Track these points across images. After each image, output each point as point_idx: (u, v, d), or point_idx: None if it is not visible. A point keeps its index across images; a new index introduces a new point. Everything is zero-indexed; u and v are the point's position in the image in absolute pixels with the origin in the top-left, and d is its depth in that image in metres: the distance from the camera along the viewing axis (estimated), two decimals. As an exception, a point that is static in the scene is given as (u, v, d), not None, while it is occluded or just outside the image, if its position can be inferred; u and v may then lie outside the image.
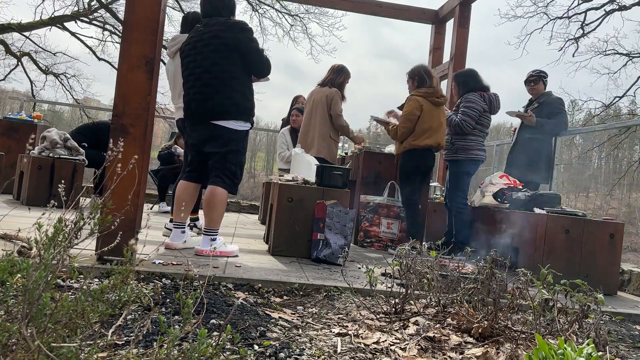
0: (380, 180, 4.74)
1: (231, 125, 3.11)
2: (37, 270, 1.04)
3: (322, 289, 2.55)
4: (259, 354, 1.55)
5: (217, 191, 3.12)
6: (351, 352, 1.65)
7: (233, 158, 3.16)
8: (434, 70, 6.49)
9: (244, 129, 3.19)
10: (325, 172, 3.62)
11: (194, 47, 3.17)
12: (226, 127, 3.10)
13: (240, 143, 3.19)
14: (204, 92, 3.10)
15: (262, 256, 3.37)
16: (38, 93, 16.37)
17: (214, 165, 3.16)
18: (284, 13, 15.63)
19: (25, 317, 1.01)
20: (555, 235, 3.49)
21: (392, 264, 2.29)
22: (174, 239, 3.25)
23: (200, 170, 3.31)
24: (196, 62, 3.15)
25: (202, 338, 1.13)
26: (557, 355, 1.27)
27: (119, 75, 2.63)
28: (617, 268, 3.58)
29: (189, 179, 3.33)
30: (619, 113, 15.21)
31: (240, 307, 2.03)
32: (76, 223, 1.14)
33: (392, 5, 6.44)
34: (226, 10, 3.23)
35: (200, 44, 3.14)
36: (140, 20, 2.64)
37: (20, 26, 14.50)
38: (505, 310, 1.95)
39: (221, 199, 3.14)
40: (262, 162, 23.82)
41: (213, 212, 3.14)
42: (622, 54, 13.48)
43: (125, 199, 2.06)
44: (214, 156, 3.15)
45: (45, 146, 5.33)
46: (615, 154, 14.30)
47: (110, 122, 2.71)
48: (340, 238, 3.40)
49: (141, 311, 1.79)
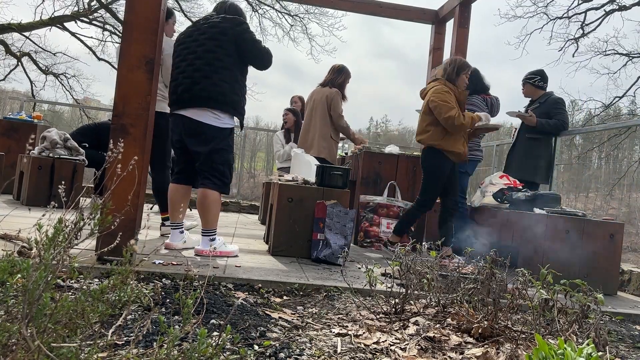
0: (380, 180, 4.74)
1: (213, 122, 3.07)
2: (37, 270, 1.04)
3: (322, 289, 2.55)
4: (259, 354, 1.55)
5: (208, 193, 3.10)
6: (351, 352, 1.65)
7: (218, 157, 3.12)
8: (435, 70, 6.51)
9: (227, 127, 3.14)
10: (325, 172, 3.62)
11: (191, 35, 3.18)
12: (208, 124, 3.06)
13: (224, 141, 3.14)
14: (193, 76, 3.07)
15: (262, 256, 3.37)
16: (38, 93, 16.38)
17: (201, 167, 3.14)
18: (284, 13, 15.64)
19: (25, 317, 1.01)
20: (555, 235, 3.49)
21: (392, 264, 2.29)
22: (174, 240, 3.25)
23: (188, 172, 3.28)
24: (189, 49, 3.14)
25: (202, 338, 1.14)
26: (557, 355, 1.27)
27: (119, 76, 2.63)
28: (617, 268, 3.58)
29: (177, 181, 3.32)
30: (618, 113, 15.22)
31: (240, 307, 2.03)
32: (76, 223, 1.14)
33: (392, 5, 6.44)
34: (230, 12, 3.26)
35: (197, 32, 3.15)
36: (140, 21, 2.65)
37: (20, 26, 14.50)
38: (505, 310, 1.95)
39: (213, 200, 3.12)
40: (262, 162, 23.83)
41: (207, 214, 3.13)
42: (622, 54, 13.49)
43: (125, 199, 2.07)
44: (199, 157, 3.12)
45: (45, 146, 5.33)
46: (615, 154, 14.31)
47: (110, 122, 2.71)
48: (340, 238, 3.40)
49: (141, 311, 1.79)
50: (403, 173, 4.76)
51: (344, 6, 6.60)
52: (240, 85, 3.19)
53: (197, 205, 3.16)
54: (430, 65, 6.61)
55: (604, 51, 13.52)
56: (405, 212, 4.26)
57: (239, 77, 3.17)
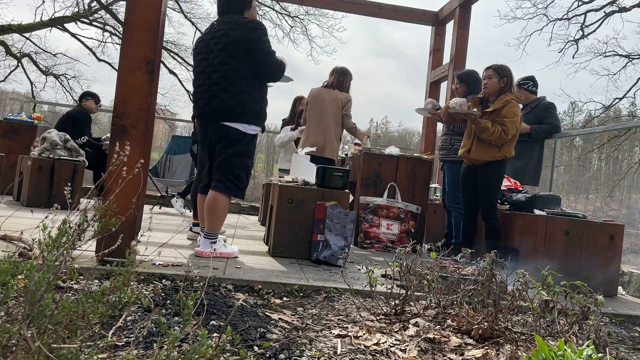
0: (380, 181, 4.74)
1: (238, 127, 3.07)
2: (40, 271, 1.04)
3: (322, 290, 2.55)
4: (259, 355, 1.55)
5: (219, 198, 3.08)
6: (351, 354, 1.65)
7: (238, 161, 3.11)
8: (435, 72, 6.51)
9: (252, 132, 3.14)
10: (326, 173, 3.62)
11: (207, 44, 3.15)
12: (234, 127, 3.06)
13: (247, 145, 3.14)
14: (210, 90, 3.07)
15: (262, 257, 3.37)
16: (38, 94, 16.40)
17: (219, 167, 3.11)
18: (284, 14, 15.65)
19: (26, 318, 1.01)
20: (555, 236, 3.49)
21: (392, 265, 2.29)
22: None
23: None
24: (208, 60, 3.12)
25: (202, 339, 1.14)
26: (557, 356, 1.27)
27: (119, 77, 2.63)
28: (617, 270, 3.58)
29: (206, 191, 3.23)
30: (618, 114, 15.23)
31: (240, 308, 2.03)
32: (79, 225, 1.14)
33: (392, 7, 6.45)
34: (235, 8, 3.17)
35: (212, 42, 3.12)
36: (140, 22, 2.65)
37: (20, 27, 14.51)
38: (505, 311, 1.95)
39: (223, 205, 3.11)
40: (262, 163, 23.81)
41: (214, 218, 3.11)
42: (622, 55, 13.51)
43: (128, 201, 2.06)
44: (219, 157, 3.11)
45: (46, 147, 5.33)
46: (615, 155, 14.31)
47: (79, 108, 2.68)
48: (340, 239, 3.40)
49: (141, 312, 1.79)
50: (403, 174, 4.76)
51: (344, 7, 6.62)
52: (260, 92, 3.16)
53: (205, 207, 3.13)
54: (431, 67, 6.62)
55: (604, 52, 13.55)
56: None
57: (257, 84, 3.13)
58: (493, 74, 3.86)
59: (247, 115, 3.08)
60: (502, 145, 3.80)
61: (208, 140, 3.18)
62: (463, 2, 5.84)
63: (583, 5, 13.24)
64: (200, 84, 3.16)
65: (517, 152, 4.61)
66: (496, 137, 3.73)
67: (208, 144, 3.19)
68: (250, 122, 3.10)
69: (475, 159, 3.87)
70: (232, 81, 3.04)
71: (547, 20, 13.62)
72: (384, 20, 6.81)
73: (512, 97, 3.81)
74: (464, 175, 4.02)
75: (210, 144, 3.17)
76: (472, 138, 3.90)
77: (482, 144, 3.83)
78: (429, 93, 6.58)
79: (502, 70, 3.86)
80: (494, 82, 3.86)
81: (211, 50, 3.11)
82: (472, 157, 3.88)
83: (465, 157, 3.97)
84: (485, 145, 3.82)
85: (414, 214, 4.64)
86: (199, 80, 3.18)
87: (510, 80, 3.88)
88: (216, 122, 3.09)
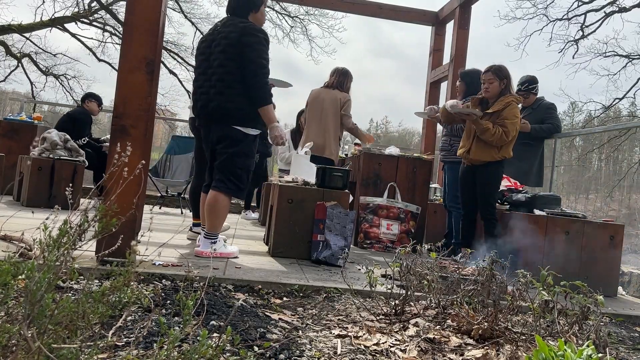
0: (380, 181, 4.74)
1: (239, 128, 3.07)
2: (40, 271, 1.04)
3: (322, 291, 2.55)
4: (259, 355, 1.55)
5: (220, 198, 3.07)
6: (351, 354, 1.65)
7: (240, 161, 3.10)
8: (435, 72, 6.51)
9: (254, 134, 3.14)
10: (326, 173, 3.62)
11: (208, 45, 3.16)
12: (235, 127, 3.05)
13: (248, 146, 3.13)
14: (209, 92, 3.07)
15: (262, 257, 3.37)
16: (38, 94, 16.39)
17: (220, 167, 3.11)
18: (284, 15, 15.64)
19: (26, 318, 1.01)
20: (555, 236, 3.49)
21: (392, 265, 2.29)
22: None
23: None
24: (208, 61, 3.12)
25: (203, 339, 1.14)
26: (557, 356, 1.27)
27: (119, 77, 2.63)
28: (617, 270, 3.58)
29: (207, 192, 3.22)
30: (618, 115, 15.24)
31: (240, 308, 2.03)
32: (80, 225, 1.14)
33: (392, 7, 6.46)
34: (240, 10, 3.16)
35: (213, 43, 3.12)
36: (140, 22, 2.65)
37: (20, 27, 14.51)
38: (505, 311, 1.95)
39: (223, 205, 3.10)
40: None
41: (215, 218, 3.11)
42: (622, 55, 13.52)
43: (128, 201, 2.06)
44: (221, 157, 3.11)
45: (46, 147, 5.33)
46: (615, 155, 14.32)
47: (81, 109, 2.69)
48: (340, 239, 3.40)
49: (141, 312, 1.79)
50: (403, 174, 4.76)
51: (344, 7, 6.62)
52: None
53: (205, 207, 3.13)
54: (431, 67, 6.62)
55: (604, 53, 13.56)
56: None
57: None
58: (494, 78, 3.84)
59: (245, 119, 3.07)
60: (502, 146, 3.80)
61: (210, 139, 3.18)
62: (463, 2, 5.84)
63: (583, 6, 13.25)
64: (200, 85, 3.16)
65: (521, 155, 4.61)
66: (497, 138, 3.73)
67: (210, 143, 3.20)
68: (248, 125, 3.09)
69: (474, 159, 3.87)
70: (229, 84, 3.03)
71: (547, 20, 13.64)
72: (384, 20, 6.81)
73: (512, 99, 3.81)
74: (463, 175, 4.03)
75: (211, 143, 3.17)
76: (472, 138, 3.90)
77: (481, 144, 3.84)
78: (429, 93, 6.58)
79: (501, 72, 3.85)
80: (495, 85, 3.84)
81: (212, 52, 3.12)
82: (472, 157, 3.88)
83: (465, 157, 3.97)
84: (484, 145, 3.82)
85: (414, 214, 4.65)
86: (199, 81, 3.18)
87: (510, 81, 3.88)
88: (217, 122, 3.10)
